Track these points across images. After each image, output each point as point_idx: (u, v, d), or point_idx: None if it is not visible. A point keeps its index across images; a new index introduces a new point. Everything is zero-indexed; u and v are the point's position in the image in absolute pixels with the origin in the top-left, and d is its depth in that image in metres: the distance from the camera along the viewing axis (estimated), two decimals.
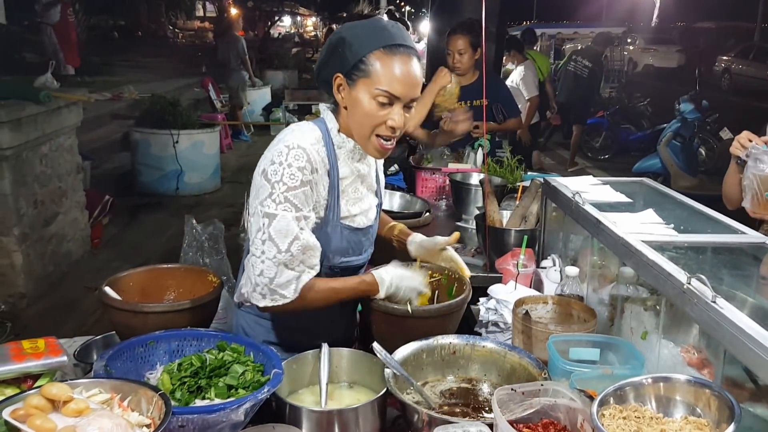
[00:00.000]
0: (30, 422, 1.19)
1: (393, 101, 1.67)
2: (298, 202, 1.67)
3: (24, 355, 1.57)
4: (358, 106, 1.69)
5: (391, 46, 1.66)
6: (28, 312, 4.74)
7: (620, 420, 1.33)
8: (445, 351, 1.83)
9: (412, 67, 1.67)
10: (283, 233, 1.66)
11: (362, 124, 1.72)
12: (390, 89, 1.65)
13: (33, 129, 4.84)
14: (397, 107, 1.69)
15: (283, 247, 1.66)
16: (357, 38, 1.67)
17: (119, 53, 16.28)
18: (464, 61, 4.08)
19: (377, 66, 1.65)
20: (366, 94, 1.67)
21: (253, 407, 1.45)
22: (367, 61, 1.65)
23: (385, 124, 1.70)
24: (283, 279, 1.68)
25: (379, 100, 1.67)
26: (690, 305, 1.45)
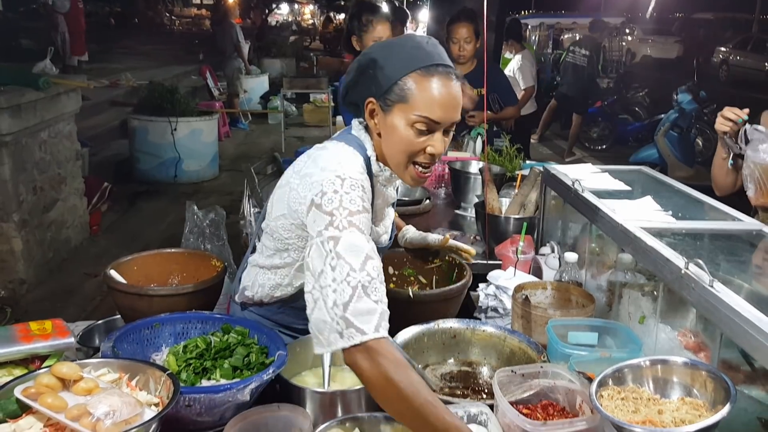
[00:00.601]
0: (41, 400, 1.21)
1: (433, 127, 1.53)
2: (363, 226, 1.46)
3: (32, 336, 1.59)
4: (395, 134, 1.55)
5: (429, 67, 1.51)
6: (27, 297, 4.76)
7: (618, 401, 1.36)
8: (446, 335, 1.86)
9: (452, 89, 1.53)
10: (354, 251, 1.40)
11: (399, 152, 1.57)
12: (430, 114, 1.51)
13: (32, 115, 4.84)
14: (437, 133, 1.55)
15: (357, 266, 1.39)
16: (390, 59, 1.54)
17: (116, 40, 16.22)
18: (469, 49, 4.09)
19: (414, 90, 1.50)
20: (403, 120, 1.52)
21: (258, 388, 1.47)
22: (403, 84, 1.51)
23: (424, 152, 1.56)
24: (362, 305, 1.36)
25: (418, 127, 1.52)
26: (687, 290, 1.48)
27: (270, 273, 1.75)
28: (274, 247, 1.70)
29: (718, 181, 2.39)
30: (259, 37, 15.64)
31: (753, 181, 2.04)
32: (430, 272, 2.19)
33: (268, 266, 1.74)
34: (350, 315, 1.35)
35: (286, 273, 1.73)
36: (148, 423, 1.19)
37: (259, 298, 1.78)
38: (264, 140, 10.54)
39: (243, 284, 1.81)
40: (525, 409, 1.49)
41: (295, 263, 1.70)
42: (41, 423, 1.21)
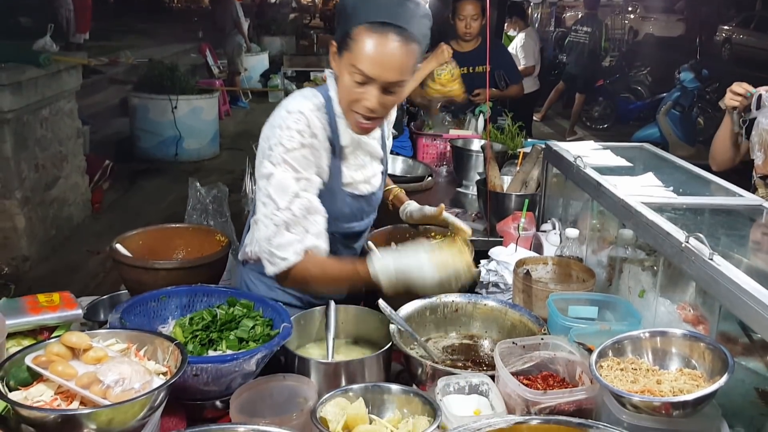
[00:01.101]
0: (52, 368, 1.24)
1: (367, 81, 1.61)
2: (297, 164, 1.66)
3: (40, 308, 1.61)
4: (341, 79, 1.67)
5: (376, 24, 1.57)
6: (30, 274, 4.80)
7: (618, 371, 1.38)
8: (448, 309, 1.88)
9: (391, 49, 1.57)
10: (281, 190, 1.64)
11: (342, 98, 1.70)
12: (363, 68, 1.59)
13: (33, 92, 4.84)
14: (372, 88, 1.62)
15: (282, 204, 1.64)
16: (350, 8, 1.62)
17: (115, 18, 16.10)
18: (475, 26, 4.08)
19: (357, 41, 1.58)
20: (346, 68, 1.63)
21: (264, 358, 1.50)
22: (352, 34, 1.59)
23: (360, 103, 1.65)
24: (283, 240, 1.65)
25: (354, 78, 1.61)
26: (687, 263, 1.50)
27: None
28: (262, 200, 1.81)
29: (719, 156, 2.40)
30: (258, 15, 15.53)
31: (762, 149, 2.03)
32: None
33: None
34: (274, 248, 1.65)
35: None
36: (156, 390, 1.21)
37: (255, 253, 1.84)
38: (264, 119, 10.12)
39: (244, 243, 1.92)
40: (525, 380, 1.51)
41: None
42: (52, 390, 1.23)
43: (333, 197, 1.80)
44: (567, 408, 1.39)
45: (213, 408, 1.53)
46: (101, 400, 1.18)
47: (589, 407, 1.40)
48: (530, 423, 1.23)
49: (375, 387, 1.45)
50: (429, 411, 1.36)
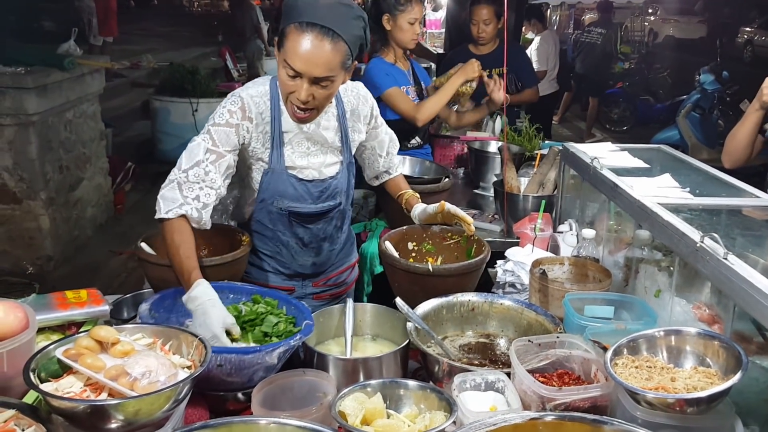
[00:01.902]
0: (81, 360, 1.28)
1: (296, 74, 1.78)
2: (217, 137, 1.86)
3: (68, 304, 1.66)
4: (279, 73, 1.84)
5: (303, 23, 1.74)
6: (54, 274, 4.88)
7: (632, 369, 1.40)
8: (464, 308, 1.91)
9: (316, 47, 1.73)
10: (190, 154, 1.85)
11: (281, 90, 1.88)
12: (292, 64, 1.76)
13: (58, 95, 4.93)
14: (302, 82, 1.78)
15: (184, 166, 1.84)
16: (287, 8, 1.79)
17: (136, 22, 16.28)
18: (489, 30, 4.09)
19: (288, 40, 1.76)
20: (281, 63, 1.80)
21: (286, 353, 1.54)
22: (285, 32, 1.77)
23: (293, 95, 1.82)
24: (169, 195, 1.82)
25: (286, 71, 1.78)
26: (702, 263, 1.51)
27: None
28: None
29: (736, 154, 2.40)
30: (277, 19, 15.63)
31: None
32: (449, 248, 2.23)
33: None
34: (160, 198, 1.83)
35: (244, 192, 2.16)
36: (182, 383, 1.25)
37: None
38: None
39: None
40: (541, 378, 1.53)
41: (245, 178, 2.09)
42: (81, 382, 1.28)
43: (276, 177, 2.00)
44: (582, 405, 1.41)
45: (235, 400, 1.57)
46: (129, 392, 1.23)
47: (604, 404, 1.42)
48: (545, 419, 1.26)
49: (393, 383, 1.48)
50: (445, 407, 1.39)
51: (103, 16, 9.94)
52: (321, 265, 2.23)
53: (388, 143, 2.30)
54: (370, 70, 3.26)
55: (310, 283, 2.23)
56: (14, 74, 4.60)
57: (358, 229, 3.36)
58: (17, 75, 4.60)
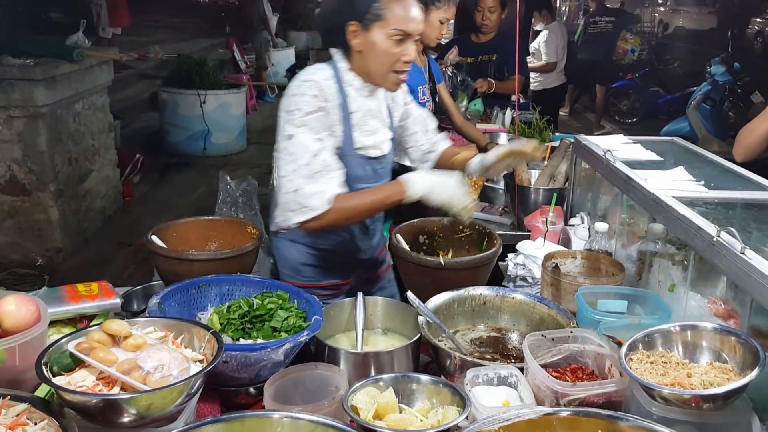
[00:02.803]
0: (94, 354, 1.28)
1: (405, 38, 1.87)
2: (315, 125, 1.87)
3: (79, 297, 1.66)
4: (376, 48, 1.88)
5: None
6: (64, 266, 4.90)
7: (647, 364, 1.39)
8: (476, 301, 1.90)
9: (416, 7, 1.90)
10: (302, 148, 1.84)
11: (381, 63, 1.91)
12: (403, 27, 1.86)
13: (67, 87, 4.93)
14: (408, 43, 1.89)
15: (304, 161, 1.84)
16: None
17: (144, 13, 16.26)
18: (493, 19, 4.09)
19: (388, 10, 1.84)
20: (380, 36, 1.86)
21: (293, 349, 1.53)
22: (378, 6, 1.85)
23: (401, 60, 1.90)
24: (309, 190, 1.83)
25: (395, 39, 1.86)
26: (719, 257, 1.49)
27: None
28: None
29: (751, 147, 2.36)
30: (285, 10, 15.59)
31: None
32: (460, 241, 2.22)
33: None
34: (301, 199, 1.82)
35: None
36: (194, 377, 1.25)
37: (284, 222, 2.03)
38: None
39: (276, 220, 2.09)
40: (554, 373, 1.52)
41: None
42: (94, 376, 1.28)
43: (348, 160, 1.98)
44: (596, 400, 1.39)
45: (247, 394, 1.56)
46: (141, 386, 1.22)
47: (619, 400, 1.41)
48: (560, 414, 1.24)
49: (405, 377, 1.47)
50: (458, 401, 1.38)
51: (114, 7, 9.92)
52: (374, 249, 2.26)
53: (425, 118, 2.30)
54: None
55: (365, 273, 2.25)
56: (23, 66, 4.60)
57: None
58: (26, 67, 4.60)
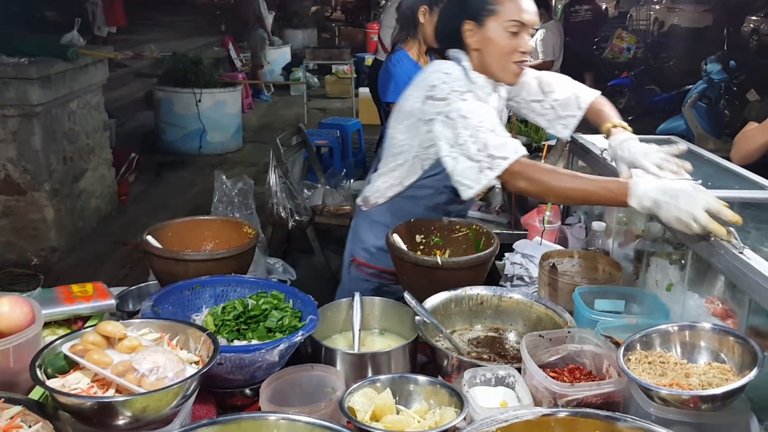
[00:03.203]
0: (88, 356, 1.27)
1: (521, 29, 1.93)
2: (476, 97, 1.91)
3: (74, 298, 1.65)
4: (493, 42, 1.94)
5: None
6: (59, 265, 4.88)
7: (645, 365, 1.38)
8: (473, 301, 1.89)
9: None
10: (473, 111, 1.86)
11: (499, 56, 1.96)
12: (520, 18, 1.92)
13: (61, 86, 4.91)
14: (524, 34, 1.94)
15: (478, 120, 1.84)
16: None
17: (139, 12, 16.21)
18: None
19: (503, 4, 1.92)
20: (496, 30, 1.93)
21: (288, 349, 1.52)
22: (492, 1, 1.92)
23: (518, 51, 1.95)
24: (498, 141, 1.81)
25: (511, 30, 1.92)
26: (717, 257, 1.49)
27: (386, 177, 2.20)
28: (392, 153, 2.15)
29: (749, 154, 2.37)
30: (280, 8, 15.56)
31: None
32: (457, 240, 2.21)
33: (385, 172, 2.19)
34: (492, 151, 1.79)
35: (398, 174, 2.16)
36: (189, 379, 1.24)
37: (374, 200, 2.25)
38: (286, 112, 10.56)
39: (365, 194, 2.29)
40: (552, 373, 1.51)
41: (405, 164, 2.12)
42: (88, 378, 1.26)
43: None
44: (594, 401, 1.39)
45: (242, 395, 1.56)
46: (136, 388, 1.21)
47: (617, 400, 1.40)
48: (558, 415, 1.24)
49: (402, 378, 1.47)
50: (456, 402, 1.37)
51: (110, 6, 9.89)
52: None
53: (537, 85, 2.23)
54: (396, 67, 3.17)
55: None
56: (17, 65, 4.58)
57: None
58: (20, 65, 4.57)
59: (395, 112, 2.14)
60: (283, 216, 4.08)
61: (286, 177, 4.10)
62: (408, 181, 2.16)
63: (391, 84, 3.14)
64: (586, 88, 2.23)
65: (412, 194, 2.18)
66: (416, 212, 2.19)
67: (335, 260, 4.91)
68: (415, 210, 2.20)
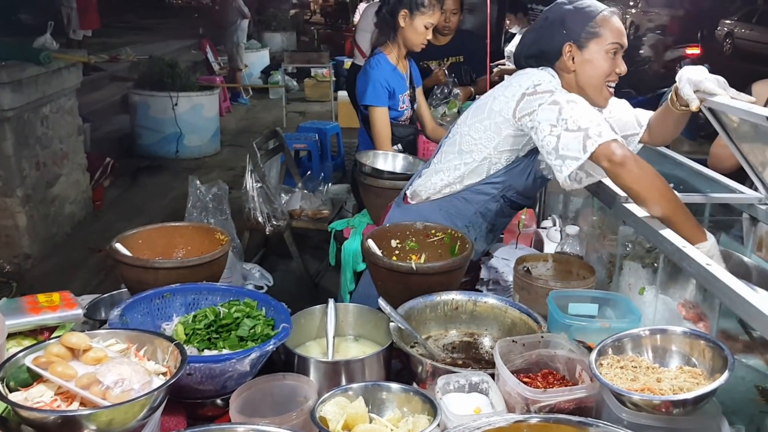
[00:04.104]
0: (52, 369, 1.24)
1: (619, 50, 1.99)
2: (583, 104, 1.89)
3: (40, 308, 1.61)
4: (593, 63, 1.99)
5: (607, 11, 2.00)
6: (32, 272, 4.80)
7: (617, 369, 1.38)
8: (448, 306, 1.88)
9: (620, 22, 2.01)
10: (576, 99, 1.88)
11: (598, 77, 2.00)
12: (620, 41, 1.98)
13: (34, 90, 4.84)
14: (619, 56, 2.00)
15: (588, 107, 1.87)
16: (578, 13, 2.00)
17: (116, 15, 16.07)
18: (453, 21, 4.10)
19: (604, 27, 1.97)
20: (600, 50, 1.98)
21: (260, 359, 1.49)
22: (593, 25, 1.97)
23: (614, 72, 2.00)
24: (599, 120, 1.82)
25: (611, 53, 1.97)
26: (687, 261, 1.49)
27: (444, 174, 2.19)
28: (458, 151, 2.14)
29: (727, 160, 2.39)
30: (259, 11, 15.50)
31: None
32: (432, 245, 2.21)
33: (445, 168, 2.18)
34: (593, 125, 1.78)
35: (460, 173, 2.15)
36: (156, 391, 1.21)
37: (426, 195, 2.25)
38: (265, 115, 10.51)
39: (414, 188, 2.29)
40: (525, 378, 1.51)
41: (473, 163, 2.11)
42: (52, 391, 1.23)
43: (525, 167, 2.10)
44: (567, 406, 1.38)
45: (213, 406, 1.53)
46: (101, 401, 1.18)
47: (589, 405, 1.40)
48: (530, 421, 1.23)
49: (375, 386, 1.45)
50: (429, 410, 1.36)
51: (84, 9, 9.78)
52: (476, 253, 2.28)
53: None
54: (375, 70, 3.18)
55: None
56: None
57: (341, 226, 3.32)
58: None
59: (474, 109, 2.13)
60: (260, 221, 4.05)
61: (263, 181, 4.07)
62: (469, 181, 2.16)
63: (369, 87, 3.14)
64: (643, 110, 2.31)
65: (467, 196, 2.18)
66: (466, 215, 2.20)
67: (314, 265, 4.89)
68: (466, 212, 2.20)
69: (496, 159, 2.09)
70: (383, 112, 3.18)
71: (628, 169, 1.72)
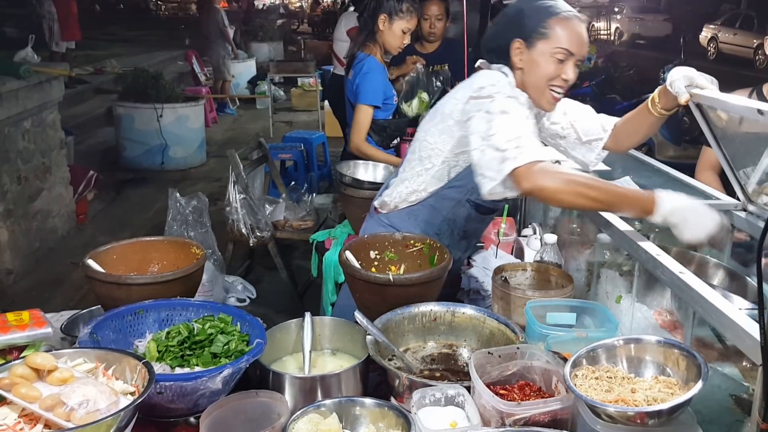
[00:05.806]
0: (15, 391, 1.21)
1: (568, 57, 1.93)
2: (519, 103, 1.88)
3: (8, 327, 1.58)
4: (538, 65, 1.95)
5: (564, 12, 1.94)
6: (14, 288, 4.75)
7: (592, 380, 1.37)
8: (426, 318, 1.86)
9: (582, 30, 1.95)
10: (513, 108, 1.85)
11: (540, 79, 1.96)
12: (568, 47, 1.92)
13: (14, 104, 4.80)
14: (569, 63, 1.94)
15: (520, 118, 1.83)
16: (531, 10, 1.96)
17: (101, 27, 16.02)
18: (439, 27, 4.12)
19: (554, 30, 1.91)
20: (545, 52, 1.93)
21: (232, 376, 1.47)
22: (546, 26, 1.92)
23: (560, 77, 1.95)
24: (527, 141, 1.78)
25: (557, 57, 1.92)
26: (661, 269, 1.49)
27: (409, 182, 2.19)
28: (419, 157, 2.14)
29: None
30: (245, 21, 15.50)
31: None
32: (411, 255, 2.19)
33: (410, 177, 2.19)
34: (523, 143, 1.76)
35: (423, 180, 2.15)
36: (122, 411, 1.19)
37: (394, 204, 2.24)
38: (252, 125, 10.48)
39: (382, 198, 2.29)
40: (502, 390, 1.50)
41: (432, 169, 2.12)
42: (16, 414, 1.21)
43: None
44: (542, 419, 1.37)
45: (186, 424, 1.50)
46: (65, 423, 1.16)
47: (565, 417, 1.39)
48: None
49: (349, 401, 1.43)
50: (403, 425, 1.35)
51: (65, 20, 9.73)
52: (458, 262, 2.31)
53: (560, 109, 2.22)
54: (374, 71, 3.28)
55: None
56: None
57: (322, 237, 3.31)
58: None
59: (430, 114, 2.13)
60: (243, 232, 4.02)
61: (246, 192, 4.05)
62: (432, 187, 2.15)
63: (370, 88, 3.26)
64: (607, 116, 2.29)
65: (433, 203, 2.17)
66: (435, 222, 2.19)
67: (301, 276, 4.86)
68: (434, 220, 2.19)
69: (454, 162, 2.08)
70: (371, 111, 3.30)
71: (540, 188, 1.72)
